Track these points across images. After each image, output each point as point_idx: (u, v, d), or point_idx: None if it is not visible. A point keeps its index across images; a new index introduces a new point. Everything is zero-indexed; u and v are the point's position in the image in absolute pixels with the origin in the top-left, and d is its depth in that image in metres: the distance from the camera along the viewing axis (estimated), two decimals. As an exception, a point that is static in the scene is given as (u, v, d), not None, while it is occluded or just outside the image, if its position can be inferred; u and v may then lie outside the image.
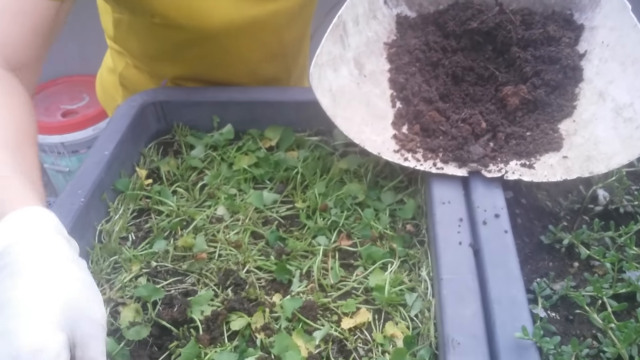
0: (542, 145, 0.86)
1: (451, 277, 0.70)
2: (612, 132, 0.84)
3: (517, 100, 0.91)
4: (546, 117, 0.91)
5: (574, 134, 0.87)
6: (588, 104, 0.90)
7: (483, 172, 0.84)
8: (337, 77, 0.91)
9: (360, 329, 0.75)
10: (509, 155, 0.86)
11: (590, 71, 0.94)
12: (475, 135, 0.89)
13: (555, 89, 0.94)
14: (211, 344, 0.74)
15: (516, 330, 0.63)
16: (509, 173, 0.83)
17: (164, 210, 0.92)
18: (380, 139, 0.89)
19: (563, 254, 0.82)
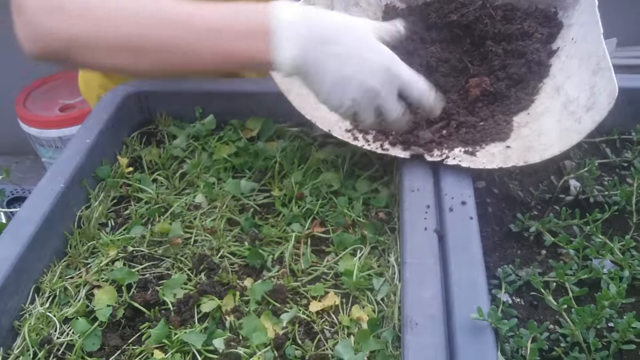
0: (489, 135, 0.88)
1: (414, 261, 0.71)
2: (555, 125, 0.85)
3: (478, 92, 0.93)
4: (503, 108, 0.93)
5: (525, 126, 0.89)
6: (546, 97, 0.91)
7: (425, 155, 0.86)
8: None
9: (327, 312, 0.77)
10: (455, 142, 0.88)
11: (556, 67, 0.95)
12: (429, 122, 0.91)
13: (518, 83, 0.95)
14: (181, 325, 0.75)
15: (473, 312, 0.64)
16: (450, 159, 0.85)
17: (144, 197, 0.94)
18: (334, 117, 0.90)
19: (531, 242, 0.84)
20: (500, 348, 0.66)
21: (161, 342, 0.73)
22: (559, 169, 0.95)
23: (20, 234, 0.79)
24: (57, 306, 0.79)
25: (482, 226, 0.84)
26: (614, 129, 0.99)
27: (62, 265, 0.84)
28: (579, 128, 0.81)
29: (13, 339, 0.76)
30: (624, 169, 0.95)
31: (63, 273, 0.83)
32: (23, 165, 2.94)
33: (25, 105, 2.42)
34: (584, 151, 0.98)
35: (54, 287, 0.80)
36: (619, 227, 0.85)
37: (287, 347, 0.72)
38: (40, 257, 0.81)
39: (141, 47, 0.74)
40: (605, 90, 0.79)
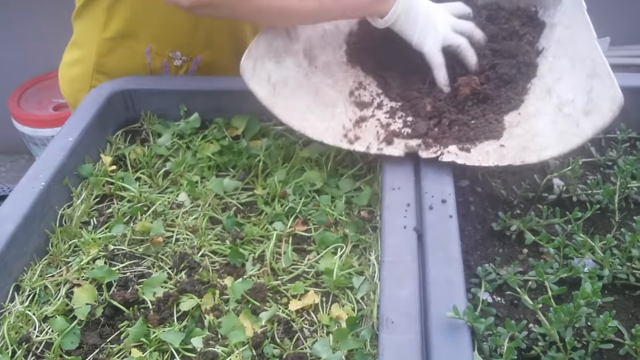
0: (483, 133, 0.88)
1: (393, 259, 0.71)
2: (551, 127, 0.85)
3: (468, 91, 0.93)
4: (494, 108, 0.92)
5: (516, 126, 0.89)
6: (536, 98, 0.91)
7: (420, 152, 0.86)
8: (279, 68, 0.93)
9: (307, 311, 0.77)
10: (449, 140, 0.88)
11: (544, 67, 0.95)
12: (420, 117, 0.92)
13: (508, 83, 0.95)
14: (160, 324, 0.75)
15: (450, 310, 0.64)
16: (445, 155, 0.85)
17: (126, 196, 0.94)
18: (324, 125, 0.91)
19: (513, 240, 0.84)
20: (478, 347, 0.66)
21: (139, 340, 0.73)
22: (543, 167, 0.94)
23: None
24: (36, 304, 0.79)
25: (464, 225, 0.84)
26: (598, 127, 0.99)
27: (43, 264, 0.84)
28: (577, 132, 0.81)
29: (-8, 338, 0.76)
30: (608, 168, 0.95)
31: (44, 271, 0.83)
32: (18, 164, 2.94)
33: (19, 104, 2.42)
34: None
35: (34, 286, 0.80)
36: (602, 226, 0.85)
37: (266, 345, 0.72)
38: (21, 255, 0.81)
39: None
40: (606, 96, 0.79)
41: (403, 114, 0.95)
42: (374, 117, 0.95)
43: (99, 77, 1.19)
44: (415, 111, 0.94)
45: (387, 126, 0.93)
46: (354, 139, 0.90)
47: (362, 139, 0.90)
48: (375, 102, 0.98)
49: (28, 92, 2.49)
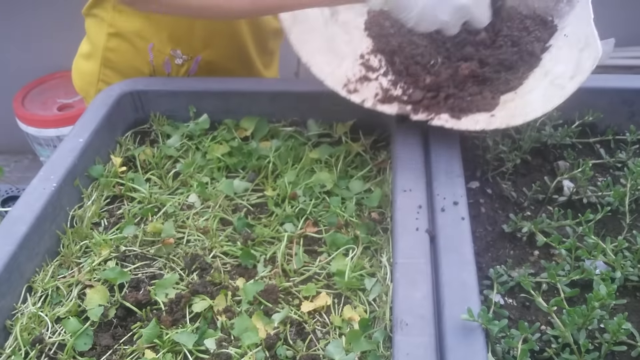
0: (476, 106, 0.90)
1: (405, 261, 0.71)
2: (540, 97, 0.87)
3: (467, 71, 0.95)
4: (492, 88, 0.95)
5: (511, 101, 0.91)
6: (534, 80, 0.94)
7: (411, 115, 0.89)
8: None
9: (319, 312, 0.77)
10: (443, 109, 0.91)
11: (546, 58, 0.97)
12: (419, 88, 0.95)
13: (509, 69, 0.97)
14: (173, 325, 0.75)
15: (464, 312, 0.64)
16: (435, 120, 0.88)
17: (137, 197, 0.94)
18: (329, 69, 0.95)
19: (524, 242, 0.84)
20: (492, 349, 0.66)
21: (152, 342, 0.73)
22: (553, 169, 0.95)
23: (12, 234, 0.79)
24: (49, 306, 0.79)
25: (475, 226, 0.84)
26: (608, 129, 0.99)
27: (55, 265, 0.84)
28: (562, 93, 0.83)
29: (5, 339, 0.76)
30: (618, 170, 0.95)
31: (55, 272, 0.83)
32: (21, 164, 2.94)
33: (24, 104, 2.42)
34: (578, 152, 0.98)
35: (46, 287, 0.80)
36: (612, 228, 0.85)
37: (279, 347, 0.72)
38: (33, 256, 0.81)
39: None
40: (589, 58, 0.83)
41: (404, 85, 0.97)
42: (377, 81, 0.98)
43: (106, 72, 1.20)
44: (415, 84, 0.97)
45: (387, 91, 0.96)
46: (352, 90, 0.94)
47: (360, 92, 0.94)
48: (381, 70, 1.00)
49: (32, 92, 2.49)
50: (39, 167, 0.82)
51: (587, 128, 1.00)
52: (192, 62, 1.19)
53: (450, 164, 0.85)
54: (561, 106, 0.89)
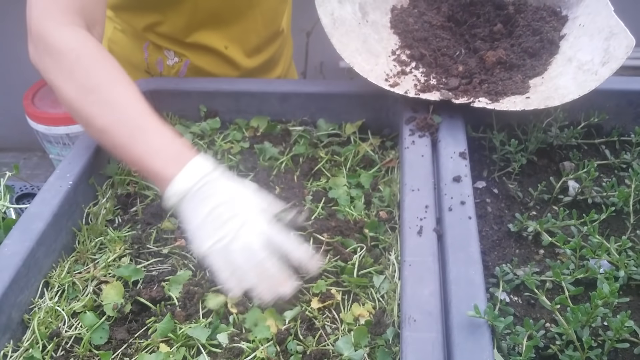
0: (510, 89, 0.95)
1: (413, 259, 0.73)
2: (571, 81, 0.92)
3: (494, 59, 1.00)
4: (520, 73, 0.99)
5: (541, 85, 0.95)
6: (557, 66, 0.99)
7: (452, 100, 0.93)
8: (340, 8, 1.03)
9: (329, 309, 0.78)
10: (480, 93, 0.95)
11: (565, 46, 1.01)
12: (453, 75, 1.00)
13: (532, 56, 1.02)
14: (187, 320, 0.77)
15: (471, 309, 0.66)
16: (476, 102, 0.92)
17: (150, 195, 0.96)
18: (369, 67, 0.99)
19: (530, 241, 0.85)
20: (497, 345, 0.68)
21: (167, 336, 0.75)
22: (558, 170, 0.96)
23: (30, 230, 0.81)
24: (65, 300, 0.81)
25: (481, 226, 0.86)
26: (613, 130, 1.01)
27: (71, 261, 0.86)
28: (595, 77, 0.89)
29: (23, 332, 0.78)
30: (622, 170, 0.96)
31: (71, 268, 0.85)
32: (31, 161, 2.97)
33: (34, 102, 2.45)
34: (583, 153, 1.00)
35: (62, 282, 0.83)
36: (617, 228, 0.87)
37: (289, 342, 0.74)
38: (50, 252, 0.84)
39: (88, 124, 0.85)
40: (621, 46, 0.89)
41: (437, 76, 1.02)
42: (412, 74, 1.02)
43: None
44: (448, 74, 1.01)
45: (424, 81, 1.00)
46: (393, 84, 0.98)
47: (401, 85, 0.98)
48: (412, 64, 1.05)
49: (42, 90, 2.51)
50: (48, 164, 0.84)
51: (593, 129, 1.02)
52: (182, 64, 1.21)
53: (458, 164, 0.86)
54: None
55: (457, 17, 1.12)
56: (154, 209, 0.92)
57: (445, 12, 1.12)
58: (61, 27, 0.86)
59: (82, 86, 0.83)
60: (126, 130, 0.81)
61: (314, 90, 1.06)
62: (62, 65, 0.84)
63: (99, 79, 0.84)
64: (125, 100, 0.83)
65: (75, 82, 0.83)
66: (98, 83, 0.83)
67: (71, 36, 0.86)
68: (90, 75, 0.83)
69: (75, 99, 0.83)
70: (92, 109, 0.82)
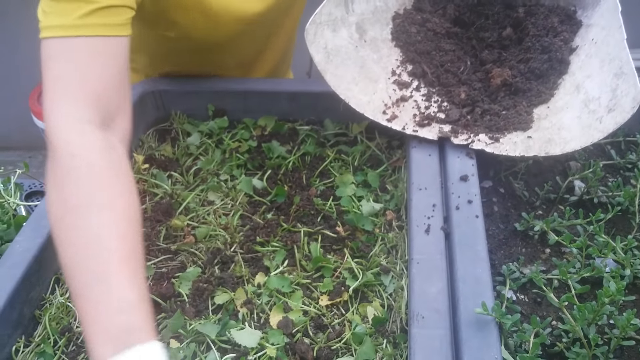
0: (512, 124, 0.92)
1: (421, 257, 0.74)
2: (576, 121, 0.88)
3: (499, 81, 0.97)
4: (525, 100, 0.96)
5: (545, 119, 0.92)
6: (565, 93, 0.94)
7: (452, 138, 0.90)
8: (334, 37, 0.99)
9: (337, 307, 0.79)
10: (480, 128, 0.92)
11: (575, 65, 0.97)
12: (455, 104, 0.97)
13: (539, 77, 0.98)
14: (196, 316, 0.78)
15: (478, 307, 0.66)
16: (475, 143, 0.89)
17: (159, 193, 0.97)
18: (366, 98, 0.97)
19: (536, 240, 0.86)
20: (504, 342, 0.69)
21: (177, 332, 0.76)
22: (564, 169, 0.97)
23: (41, 227, 0.82)
24: (76, 297, 0.82)
25: (488, 225, 0.87)
26: (619, 131, 1.01)
27: (81, 258, 0.87)
28: (600, 127, 0.84)
29: (34, 328, 0.79)
30: (628, 171, 0.97)
31: (82, 265, 0.86)
32: (36, 160, 2.98)
33: (39, 100, 2.46)
34: (589, 152, 1.00)
35: (73, 279, 0.83)
36: (622, 227, 0.87)
37: (298, 338, 0.75)
38: (61, 249, 0.84)
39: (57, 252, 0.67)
40: (629, 94, 0.83)
41: (439, 99, 0.99)
42: (412, 98, 1.00)
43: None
44: (450, 97, 0.98)
45: (423, 109, 0.97)
46: (391, 117, 0.95)
47: (400, 118, 0.95)
48: (414, 84, 1.02)
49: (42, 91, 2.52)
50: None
51: (598, 130, 1.02)
52: None
53: (465, 164, 0.87)
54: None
55: (464, 18, 1.08)
56: (163, 206, 0.93)
57: (452, 14, 1.08)
58: (69, 124, 0.72)
59: (63, 203, 0.67)
60: (83, 276, 0.63)
61: (321, 90, 1.06)
62: (55, 173, 0.69)
63: (83, 199, 0.66)
64: (101, 232, 0.64)
65: (59, 196, 0.68)
66: (79, 204, 0.66)
67: (76, 139, 0.70)
68: (78, 192, 0.67)
69: (51, 216, 0.68)
70: (60, 235, 0.66)
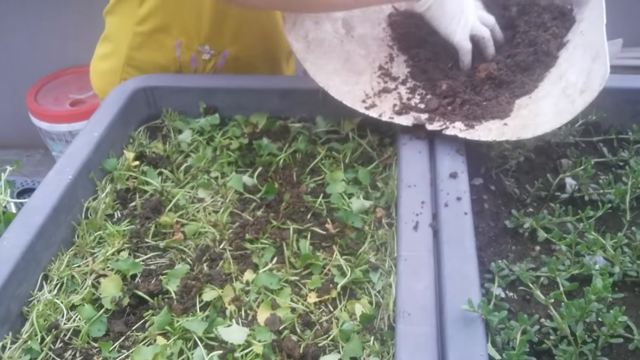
0: (490, 112, 0.92)
1: (409, 254, 0.74)
2: (552, 108, 0.88)
3: (484, 74, 0.97)
4: (508, 91, 0.96)
5: (525, 108, 0.92)
6: (549, 84, 0.95)
7: (426, 124, 0.91)
8: (317, 29, 1.00)
9: (325, 304, 0.79)
10: (458, 117, 0.93)
11: (563, 58, 0.98)
12: (436, 95, 0.97)
13: (525, 70, 0.99)
14: (184, 313, 0.78)
15: (464, 304, 0.66)
16: (449, 129, 0.90)
17: (149, 190, 0.97)
18: (347, 88, 0.97)
19: (526, 238, 0.86)
20: (491, 340, 0.68)
21: (164, 329, 0.75)
22: (556, 167, 0.97)
23: (29, 224, 0.82)
24: (64, 293, 0.82)
25: (478, 222, 0.86)
26: (611, 128, 1.01)
27: (70, 254, 0.87)
28: (571, 109, 0.85)
29: (22, 324, 0.79)
30: (620, 168, 0.97)
31: (70, 262, 0.86)
32: (33, 158, 2.98)
33: (36, 99, 2.46)
34: (581, 150, 1.00)
35: (61, 275, 0.83)
36: (613, 225, 0.87)
37: (286, 335, 0.74)
38: (49, 246, 0.84)
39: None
40: (598, 74, 0.83)
41: (423, 92, 1.00)
42: (396, 91, 1.00)
43: (129, 71, 1.22)
44: (433, 90, 0.99)
45: (405, 100, 0.98)
46: (370, 105, 0.96)
47: (378, 107, 0.96)
48: (400, 79, 1.03)
49: (45, 87, 2.53)
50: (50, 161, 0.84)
51: (591, 127, 1.02)
52: (220, 56, 1.21)
53: (455, 161, 0.87)
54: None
55: None
56: (152, 203, 0.93)
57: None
58: None
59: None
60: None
61: (313, 87, 1.06)
62: None
63: None
64: None
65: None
66: None
67: None
68: None
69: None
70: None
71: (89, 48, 1.31)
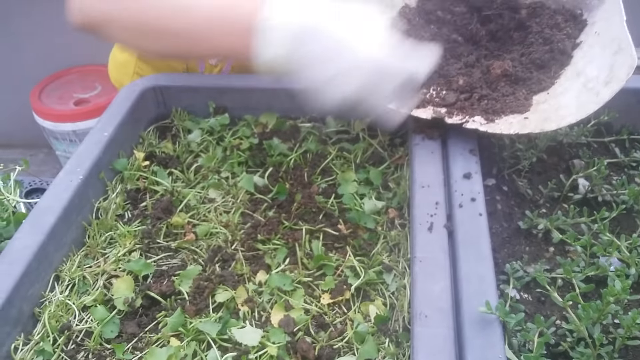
0: (509, 107, 0.91)
1: (424, 256, 0.73)
2: (574, 100, 0.87)
3: (499, 71, 0.96)
4: (524, 88, 0.96)
5: (544, 103, 0.92)
6: (566, 80, 0.94)
7: (446, 118, 0.91)
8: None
9: (339, 305, 0.79)
10: (477, 111, 0.92)
11: (578, 56, 0.97)
12: (452, 90, 0.96)
13: (541, 68, 0.98)
14: (197, 314, 0.78)
15: (481, 306, 0.66)
16: (469, 123, 0.89)
17: (159, 190, 0.96)
18: None
19: (540, 239, 0.85)
20: (508, 342, 0.68)
21: (177, 330, 0.75)
22: (568, 167, 0.96)
23: (40, 224, 0.81)
24: (76, 294, 0.81)
25: (491, 223, 0.86)
26: (623, 129, 1.00)
27: (81, 255, 0.86)
28: (596, 99, 0.84)
29: (34, 325, 0.78)
30: (632, 169, 0.96)
31: (82, 262, 0.85)
32: (37, 158, 2.98)
33: (41, 98, 2.46)
34: (593, 151, 0.99)
35: (73, 276, 0.83)
36: (627, 226, 0.86)
37: (300, 337, 0.74)
38: (60, 246, 0.84)
39: (158, 31, 0.78)
40: (624, 65, 0.83)
41: (438, 88, 0.99)
42: None
43: (141, 65, 1.23)
44: (448, 85, 0.98)
45: (421, 95, 0.97)
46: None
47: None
48: None
49: (49, 87, 2.53)
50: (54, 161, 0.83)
51: (603, 127, 1.01)
52: (225, 63, 1.21)
53: (468, 161, 0.86)
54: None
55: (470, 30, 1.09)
56: (163, 204, 0.93)
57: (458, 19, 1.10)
58: None
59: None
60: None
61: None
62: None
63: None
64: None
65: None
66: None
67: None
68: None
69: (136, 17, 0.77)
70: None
71: (93, 47, 1.31)
